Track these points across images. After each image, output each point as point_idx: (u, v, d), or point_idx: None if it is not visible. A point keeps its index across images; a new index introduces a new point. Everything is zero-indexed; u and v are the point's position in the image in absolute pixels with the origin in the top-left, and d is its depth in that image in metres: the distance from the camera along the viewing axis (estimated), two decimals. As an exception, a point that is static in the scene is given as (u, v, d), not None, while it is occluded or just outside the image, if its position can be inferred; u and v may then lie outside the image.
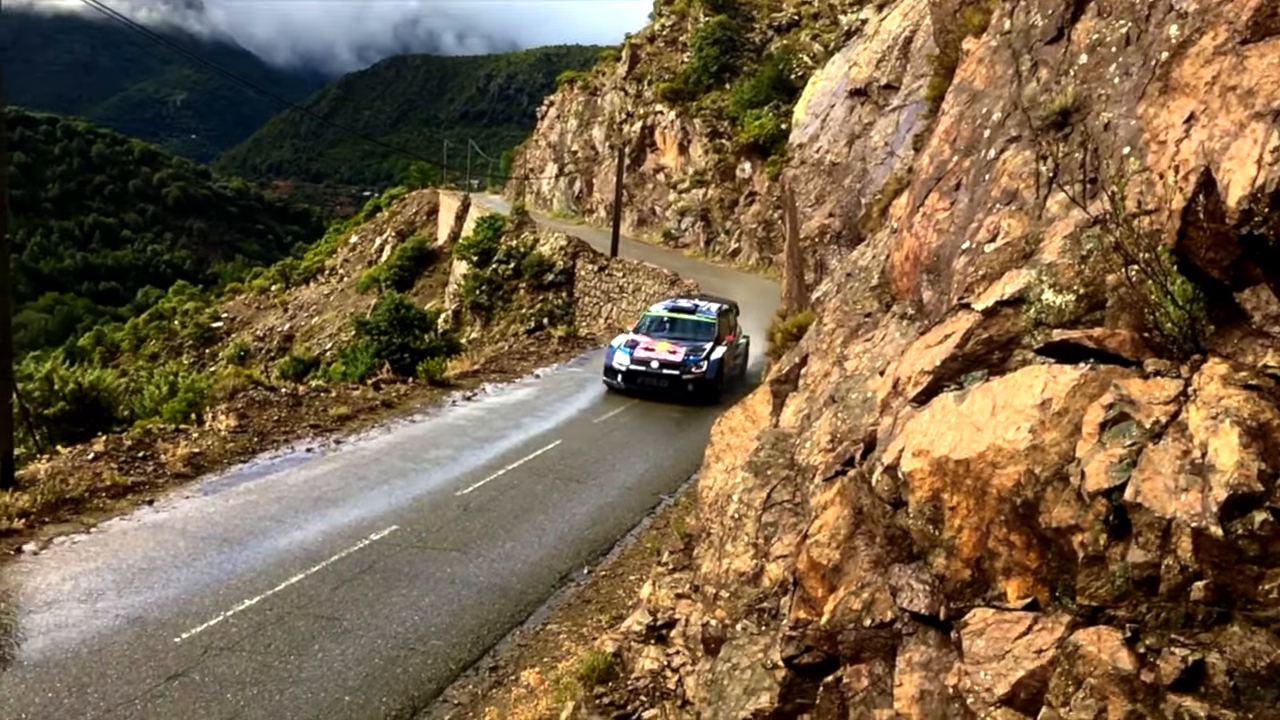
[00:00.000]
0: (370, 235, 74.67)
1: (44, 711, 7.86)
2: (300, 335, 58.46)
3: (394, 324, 27.94)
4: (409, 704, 8.56)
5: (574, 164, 59.10)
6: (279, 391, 19.48)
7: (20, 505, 12.07)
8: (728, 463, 7.46)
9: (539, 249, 42.97)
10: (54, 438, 18.27)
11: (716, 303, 24.08)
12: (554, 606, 10.82)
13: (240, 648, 9.19)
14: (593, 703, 6.21)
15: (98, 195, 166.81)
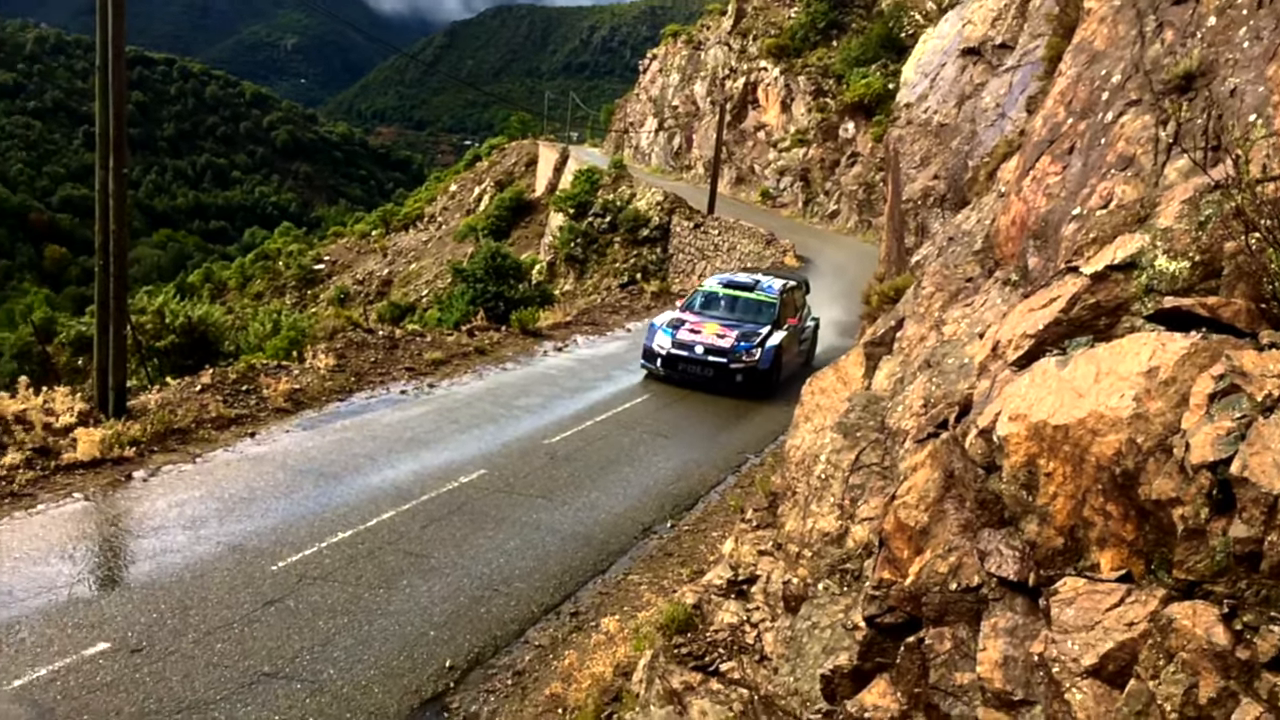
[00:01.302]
0: (469, 184, 75.44)
1: (149, 631, 8.25)
2: (398, 281, 59.57)
3: (490, 272, 28.26)
4: (491, 643, 8.77)
5: (674, 119, 58.72)
6: (376, 334, 19.93)
7: (131, 434, 12.61)
8: (816, 423, 7.41)
9: (635, 204, 42.92)
10: (164, 370, 19.00)
11: (782, 279, 20.80)
12: (635, 558, 10.93)
13: (333, 578, 9.50)
14: (671, 652, 6.28)
15: (210, 136, 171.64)
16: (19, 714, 6.95)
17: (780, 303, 19.15)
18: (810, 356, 20.60)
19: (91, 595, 8.82)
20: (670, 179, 52.95)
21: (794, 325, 19.27)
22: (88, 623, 8.28)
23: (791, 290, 20.11)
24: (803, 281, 21.42)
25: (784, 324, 18.86)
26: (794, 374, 18.84)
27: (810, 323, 20.97)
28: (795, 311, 19.79)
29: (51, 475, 11.41)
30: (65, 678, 7.46)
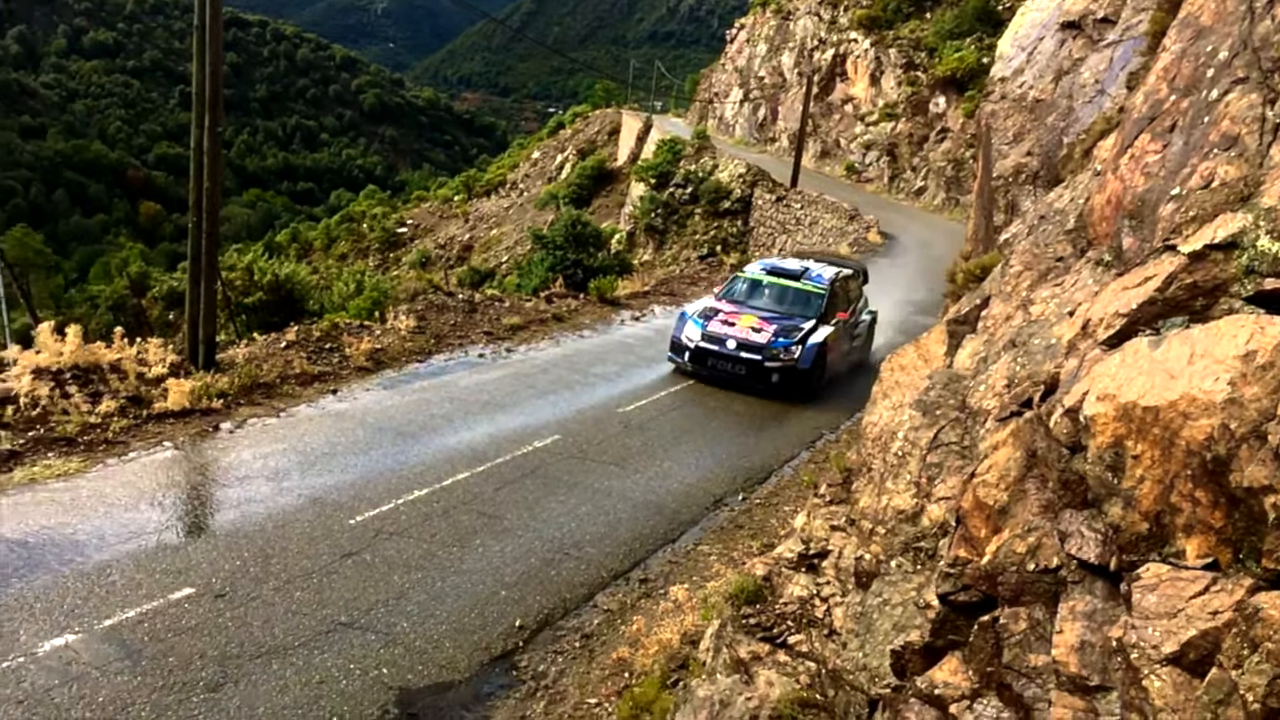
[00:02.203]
0: (552, 152, 75.70)
1: (232, 577, 8.52)
2: (479, 246, 60.16)
3: (569, 240, 28.38)
4: (561, 605, 8.88)
5: (760, 90, 58.11)
6: (456, 297, 20.19)
7: (219, 386, 12.98)
8: (895, 400, 7.31)
9: (717, 175, 42.67)
10: (251, 325, 19.50)
11: (835, 266, 18.48)
12: (706, 528, 10.96)
13: (408, 534, 9.70)
14: (739, 622, 6.29)
15: (300, 98, 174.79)
16: (109, 653, 7.25)
17: (829, 294, 16.89)
18: (865, 355, 18.52)
19: (178, 541, 9.13)
20: (754, 151, 52.50)
21: (844, 320, 16.96)
22: (174, 568, 8.58)
23: (844, 280, 17.78)
24: (859, 270, 19.06)
25: (832, 318, 16.63)
26: (851, 365, 17.68)
27: (866, 316, 18.66)
28: (848, 304, 17.57)
29: (143, 424, 11.81)
30: (152, 620, 7.75)
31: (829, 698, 5.41)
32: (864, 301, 18.62)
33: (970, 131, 36.46)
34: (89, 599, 7.91)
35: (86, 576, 8.24)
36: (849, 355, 17.50)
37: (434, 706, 7.26)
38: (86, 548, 8.74)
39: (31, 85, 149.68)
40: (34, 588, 7.99)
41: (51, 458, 10.63)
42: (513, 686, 7.64)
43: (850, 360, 17.57)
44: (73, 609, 7.75)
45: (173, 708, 6.77)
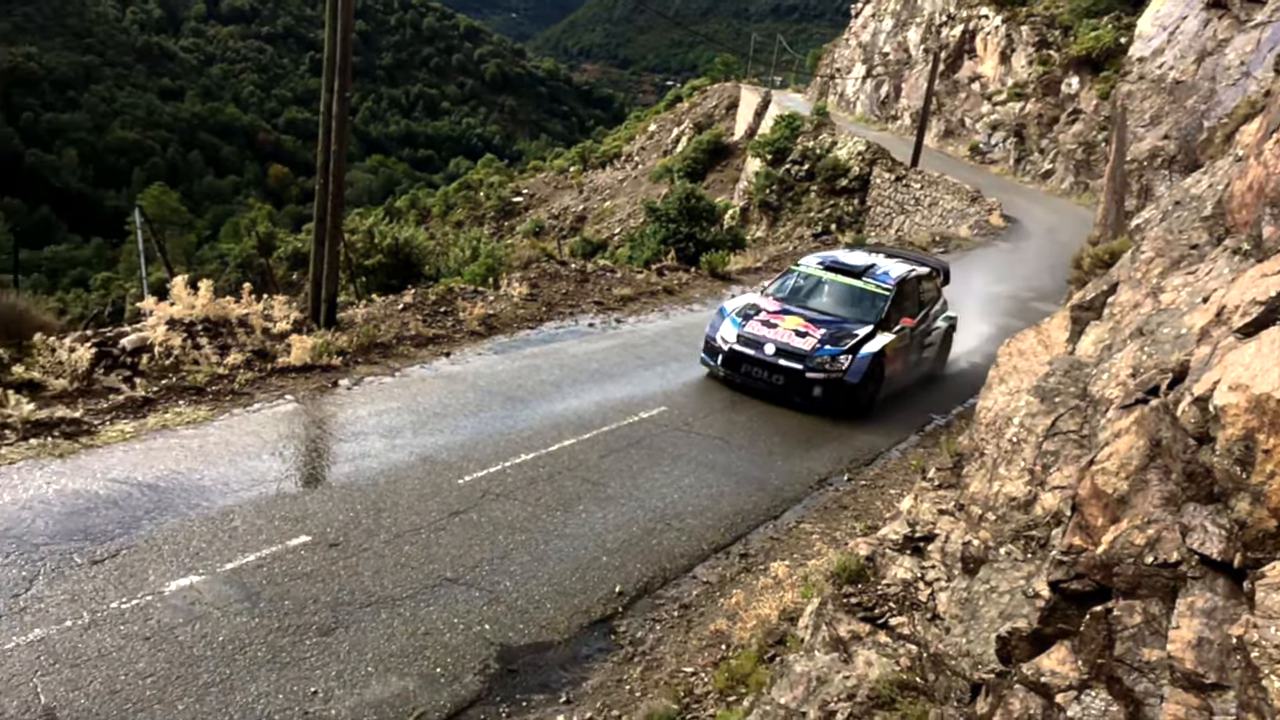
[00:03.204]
0: (668, 125, 75.56)
1: (345, 529, 8.82)
2: (592, 217, 60.56)
3: (683, 213, 28.33)
4: (660, 574, 8.95)
5: (883, 66, 56.92)
6: (569, 267, 20.38)
7: (339, 344, 13.40)
8: (1012, 385, 7.14)
9: (835, 152, 42.02)
10: (370, 287, 20.06)
11: (910, 263, 15.97)
12: (809, 507, 10.89)
13: (514, 497, 9.88)
14: (840, 601, 6.25)
15: (424, 67, 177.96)
16: (230, 594, 7.59)
17: (894, 296, 14.46)
18: (939, 366, 16.26)
19: (296, 491, 9.49)
20: (874, 129, 51.52)
21: (909, 327, 14.48)
22: (292, 516, 8.92)
23: (916, 280, 15.31)
24: (939, 269, 16.54)
25: (896, 324, 14.24)
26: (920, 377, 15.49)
27: (941, 323, 16.02)
28: (918, 309, 15.08)
29: (267, 377, 12.27)
30: (270, 565, 8.08)
31: (929, 681, 5.35)
32: (941, 305, 16.18)
33: (1104, 113, 35.11)
34: (213, 542, 8.29)
35: (211, 521, 8.63)
36: (916, 367, 15.20)
37: (533, 664, 7.41)
38: (212, 493, 9.14)
39: (171, 49, 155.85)
40: (163, 529, 8.40)
41: (182, 405, 11.14)
42: (610, 651, 7.74)
43: (918, 372, 15.38)
44: (197, 551, 8.13)
45: (287, 649, 7.06)
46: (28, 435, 9.86)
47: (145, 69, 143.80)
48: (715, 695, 6.82)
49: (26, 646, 6.67)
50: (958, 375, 16.13)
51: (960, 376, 16.15)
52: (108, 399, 11.00)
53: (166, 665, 6.69)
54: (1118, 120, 15.62)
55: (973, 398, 14.95)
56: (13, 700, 6.16)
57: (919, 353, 15.14)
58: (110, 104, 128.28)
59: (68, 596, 7.29)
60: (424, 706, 6.74)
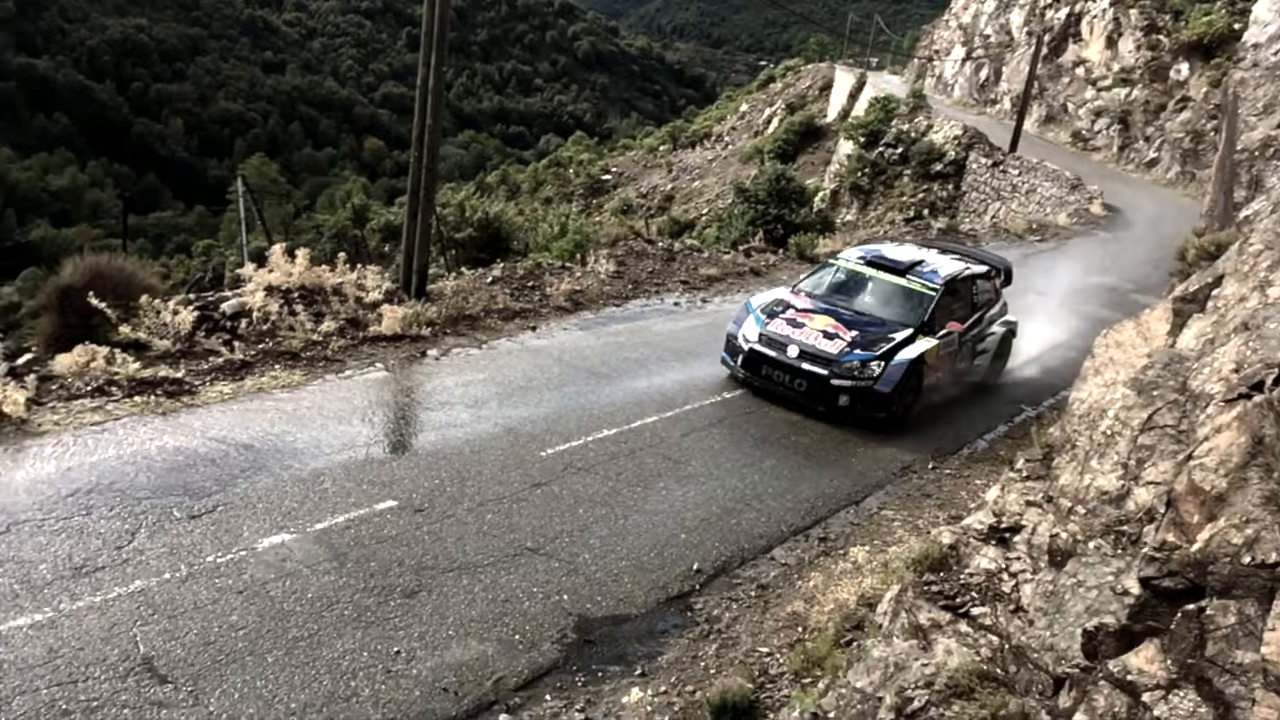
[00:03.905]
0: (760, 106, 74.87)
1: (430, 495, 9.00)
2: (680, 197, 60.43)
3: (772, 194, 28.10)
4: (738, 554, 8.95)
5: (984, 49, 55.55)
6: (656, 245, 20.39)
7: (429, 316, 13.64)
8: (1107, 377, 6.96)
9: (931, 136, 41.22)
10: (460, 260, 20.34)
11: (966, 261, 14.36)
12: (892, 493, 10.76)
13: (595, 471, 9.97)
14: (921, 588, 6.18)
15: (518, 43, 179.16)
16: (318, 553, 7.81)
17: (941, 296, 12.96)
18: (994, 376, 14.60)
19: (384, 456, 9.71)
20: (972, 113, 50.36)
21: (955, 332, 12.96)
22: (379, 481, 9.14)
23: (969, 280, 13.76)
24: (999, 268, 14.90)
25: (940, 329, 12.76)
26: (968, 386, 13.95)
27: (998, 328, 14.34)
28: (970, 312, 13.53)
29: (359, 345, 12.56)
30: (358, 527, 8.29)
31: (1009, 673, 5.27)
32: (1000, 308, 14.56)
33: (1214, 101, 33.80)
34: (304, 502, 8.54)
35: (302, 482, 8.89)
36: (965, 375, 13.70)
37: (610, 636, 7.49)
38: (304, 455, 9.41)
39: (274, 22, 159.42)
40: (257, 488, 8.68)
41: (277, 369, 11.46)
42: (686, 627, 7.78)
43: (967, 381, 13.85)
44: (289, 511, 8.38)
45: (372, 609, 7.25)
46: (133, 393, 10.26)
47: (249, 42, 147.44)
48: (790, 676, 6.81)
49: (127, 597, 6.97)
50: (1049, 368, 15.73)
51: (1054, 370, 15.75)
52: (208, 361, 11.38)
53: (258, 619, 6.93)
54: (1228, 108, 15.04)
55: (1065, 390, 14.65)
56: (114, 649, 6.44)
57: (969, 360, 13.67)
58: (215, 76, 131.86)
59: (167, 549, 7.58)
60: (502, 671, 6.87)
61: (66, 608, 6.74)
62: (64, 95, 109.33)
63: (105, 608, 6.81)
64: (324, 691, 6.37)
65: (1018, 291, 18.99)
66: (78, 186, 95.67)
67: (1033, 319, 16.59)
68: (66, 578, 7.06)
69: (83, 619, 6.66)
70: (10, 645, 6.31)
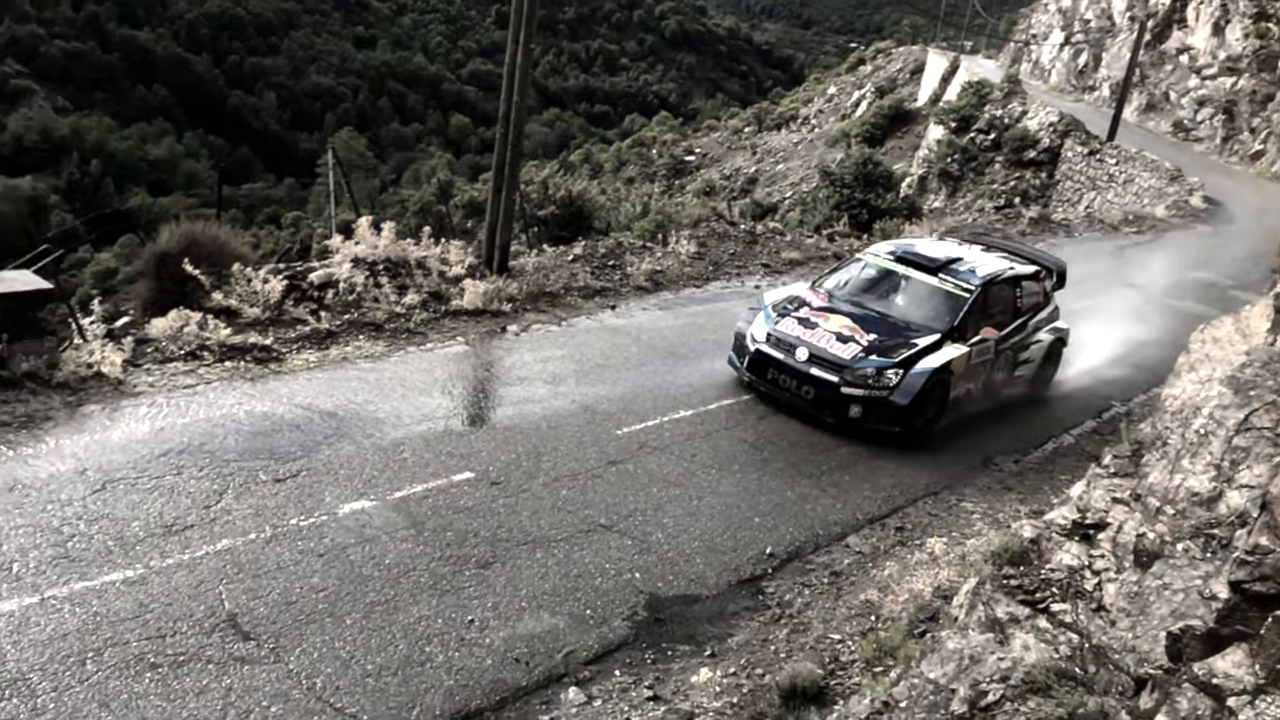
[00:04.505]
0: (849, 88, 73.85)
1: (506, 469, 9.10)
2: (763, 179, 59.98)
3: (858, 178, 27.70)
4: (812, 539, 8.90)
5: (1083, 34, 53.96)
6: (738, 228, 20.27)
7: (509, 291, 13.76)
8: (1202, 374, 6.74)
9: (1025, 122, 40.22)
10: (542, 237, 20.42)
11: (1012, 260, 12.97)
12: (972, 485, 10.58)
13: (670, 451, 9.98)
14: (999, 581, 6.08)
15: (605, 22, 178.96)
16: (396, 521, 7.97)
17: (977, 299, 11.68)
18: (1040, 389, 13.35)
19: (462, 429, 9.85)
20: (1068, 99, 48.99)
21: (991, 339, 11.76)
22: (457, 453, 9.27)
23: (1011, 282, 12.40)
24: (1051, 269, 13.43)
25: (973, 335, 11.54)
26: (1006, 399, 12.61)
27: (1044, 336, 12.99)
28: (1011, 317, 12.24)
29: (440, 318, 12.74)
30: (435, 497, 8.43)
31: (1088, 673, 5.16)
32: (1049, 314, 13.17)
33: (1327, 91, 32.39)
34: (383, 471, 8.70)
35: (383, 450, 9.06)
36: (1003, 387, 12.48)
37: (680, 616, 7.51)
38: (385, 424, 9.59)
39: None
40: (339, 455, 8.88)
41: (361, 340, 11.69)
42: (757, 610, 7.76)
43: (1005, 393, 12.60)
44: (369, 478, 8.56)
45: (448, 578, 7.37)
46: (223, 358, 10.56)
47: (341, 17, 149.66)
48: (861, 664, 6.76)
49: (214, 555, 7.19)
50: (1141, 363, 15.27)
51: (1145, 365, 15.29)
52: (295, 329, 11.64)
53: (337, 582, 7.10)
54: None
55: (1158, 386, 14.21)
56: (200, 605, 6.66)
57: (1008, 370, 12.40)
58: (308, 50, 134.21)
59: (252, 511, 7.80)
60: (572, 645, 6.94)
61: (157, 564, 6.98)
62: (163, 67, 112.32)
63: (193, 565, 7.03)
64: (399, 655, 6.51)
65: (1111, 284, 18.51)
66: (174, 157, 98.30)
67: (1125, 312, 16.14)
68: (157, 535, 7.31)
69: (172, 576, 6.89)
70: (104, 599, 6.56)
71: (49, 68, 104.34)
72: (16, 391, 9.12)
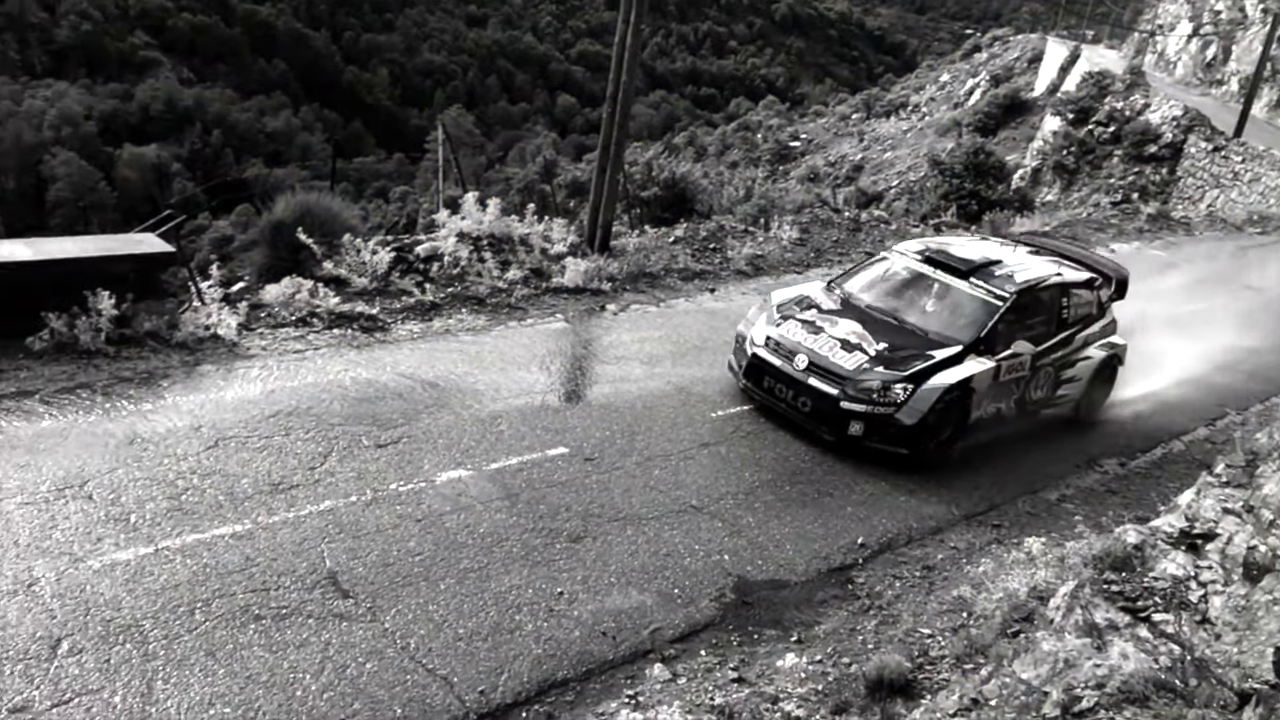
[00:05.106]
0: (962, 76, 72.10)
1: (600, 446, 9.19)
2: (869, 167, 58.98)
3: (969, 168, 27.08)
4: (906, 532, 8.79)
5: (1213, 25, 51.73)
6: (842, 215, 20.06)
7: (610, 271, 13.85)
8: (1327, 382, 6.46)
9: (1147, 116, 38.74)
10: (644, 218, 20.46)
11: (1063, 266, 11.53)
12: (1074, 487, 10.30)
13: (764, 436, 9.99)
14: (1099, 586, 5.91)
15: (715, 4, 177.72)
16: (492, 491, 8.11)
17: (1010, 308, 10.33)
18: (1089, 412, 11.89)
19: (558, 405, 9.97)
20: (1194, 93, 47.05)
21: (1026, 354, 10.39)
22: (553, 428, 9.39)
23: (1056, 290, 10.96)
24: (1108, 278, 11.95)
25: (1002, 348, 10.16)
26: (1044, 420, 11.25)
27: (1095, 352, 11.53)
28: (1053, 330, 10.86)
29: (541, 295, 12.90)
30: (530, 470, 8.56)
31: (1189, 686, 5.01)
32: (1104, 327, 11.73)
33: None
34: (480, 442, 8.87)
35: (481, 422, 9.23)
36: (1042, 407, 11.09)
37: (768, 600, 7.50)
38: (483, 396, 9.76)
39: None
40: (438, 424, 9.07)
41: (464, 313, 11.91)
42: (846, 599, 7.70)
43: (1043, 414, 11.19)
44: (467, 448, 8.73)
45: (539, 550, 7.48)
46: (332, 325, 10.87)
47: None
48: (951, 660, 6.66)
49: (318, 515, 7.43)
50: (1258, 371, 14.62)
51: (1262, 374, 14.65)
52: (400, 300, 11.91)
53: (433, 547, 7.27)
54: None
55: (1276, 395, 13.65)
56: (303, 561, 6.89)
57: (1048, 389, 11.02)
58: (421, 28, 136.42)
59: (355, 474, 8.03)
60: (659, 623, 6.99)
61: (263, 521, 7.24)
62: (283, 42, 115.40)
63: (297, 523, 7.28)
64: (490, 622, 6.64)
65: (1228, 286, 17.76)
66: (290, 129, 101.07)
67: (1242, 316, 15.49)
68: (265, 493, 7.58)
69: (277, 532, 7.14)
70: (213, 551, 6.84)
71: (176, 40, 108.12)
72: (139, 349, 9.54)
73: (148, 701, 5.56)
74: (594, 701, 6.24)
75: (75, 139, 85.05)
